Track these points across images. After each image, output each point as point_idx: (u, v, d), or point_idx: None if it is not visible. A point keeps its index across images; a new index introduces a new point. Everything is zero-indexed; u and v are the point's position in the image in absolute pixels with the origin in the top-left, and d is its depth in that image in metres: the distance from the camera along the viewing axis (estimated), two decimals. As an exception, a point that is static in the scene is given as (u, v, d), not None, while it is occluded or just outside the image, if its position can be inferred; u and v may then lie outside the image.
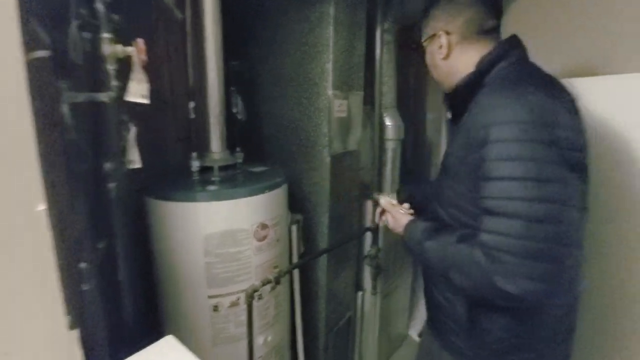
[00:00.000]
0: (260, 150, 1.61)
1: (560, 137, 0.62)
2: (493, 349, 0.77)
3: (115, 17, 0.73)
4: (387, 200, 1.06)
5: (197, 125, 1.17)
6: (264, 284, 1.07)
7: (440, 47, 0.84)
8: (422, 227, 0.84)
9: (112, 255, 0.82)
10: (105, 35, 0.67)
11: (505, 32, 0.84)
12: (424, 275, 0.99)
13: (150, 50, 1.32)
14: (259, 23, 1.49)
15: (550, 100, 0.65)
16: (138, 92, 0.71)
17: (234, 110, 1.30)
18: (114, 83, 0.68)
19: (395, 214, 0.99)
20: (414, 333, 2.18)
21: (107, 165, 0.73)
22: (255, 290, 1.04)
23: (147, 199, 1.08)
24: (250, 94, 1.55)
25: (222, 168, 1.24)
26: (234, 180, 1.16)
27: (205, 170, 1.20)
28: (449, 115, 0.92)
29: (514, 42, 0.80)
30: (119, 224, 0.82)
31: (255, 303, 1.16)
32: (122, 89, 0.72)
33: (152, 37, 1.31)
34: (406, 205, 1.05)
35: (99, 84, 0.71)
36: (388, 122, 1.71)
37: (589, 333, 1.08)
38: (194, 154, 1.15)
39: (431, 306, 0.95)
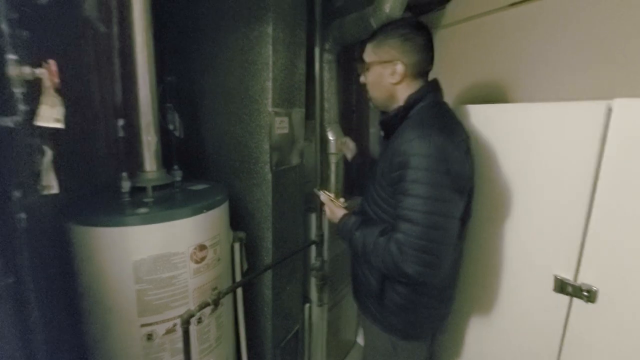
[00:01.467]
0: (202, 167, 1.57)
1: (452, 169, 0.86)
2: (391, 310, 1.05)
3: (25, 34, 0.67)
4: (325, 195, 1.23)
5: (129, 144, 1.11)
6: (201, 308, 1.04)
7: (393, 73, 1.00)
8: (353, 220, 1.07)
9: (24, 290, 0.75)
10: (11, 57, 0.61)
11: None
12: (351, 258, 1.24)
13: (73, 63, 1.23)
14: (197, 38, 1.46)
15: (449, 141, 0.88)
16: (51, 116, 0.65)
17: (171, 127, 1.25)
18: (22, 107, 0.63)
19: (332, 207, 1.19)
20: (361, 340, 2.24)
21: (16, 194, 0.66)
22: (192, 315, 1.01)
23: (69, 225, 1.00)
24: (190, 110, 1.51)
25: (158, 187, 1.19)
26: (169, 201, 1.12)
27: (139, 190, 1.14)
28: (382, 133, 1.12)
29: (434, 86, 1.03)
30: (31, 255, 0.75)
31: (194, 327, 1.13)
32: (32, 112, 0.66)
33: (76, 51, 1.22)
34: (342, 200, 1.23)
35: (4, 107, 0.65)
36: (330, 136, 1.76)
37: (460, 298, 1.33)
38: (124, 174, 1.09)
39: (354, 280, 1.22)
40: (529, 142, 1.08)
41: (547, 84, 1.22)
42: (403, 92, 1.02)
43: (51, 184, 0.76)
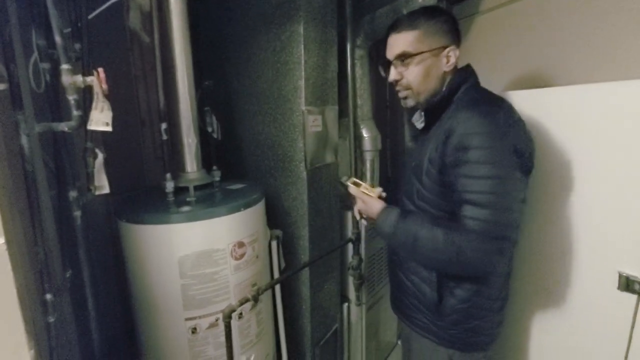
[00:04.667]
0: (239, 167, 1.62)
1: (516, 147, 0.82)
2: (451, 318, 0.95)
3: (77, 45, 0.73)
4: (355, 187, 1.06)
5: (172, 146, 1.17)
6: (241, 304, 1.06)
7: (449, 60, 0.94)
8: (395, 213, 0.95)
9: (81, 283, 0.81)
10: (65, 66, 0.67)
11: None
12: (390, 263, 1.13)
13: (123, 72, 1.33)
14: (232, 43, 1.51)
15: (510, 117, 0.85)
16: (100, 120, 0.71)
17: (209, 130, 1.31)
18: (76, 112, 0.69)
19: (365, 199, 1.04)
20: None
21: (72, 194, 0.72)
22: (233, 310, 1.03)
23: (120, 223, 1.08)
24: (227, 112, 1.56)
25: (199, 187, 1.24)
26: (209, 200, 1.16)
27: (181, 190, 1.20)
28: (419, 125, 1.02)
29: (471, 70, 0.97)
30: (86, 251, 0.81)
31: (235, 322, 1.16)
32: (85, 117, 0.72)
33: (124, 60, 1.32)
34: (379, 189, 1.07)
35: (61, 113, 0.71)
36: (365, 133, 1.73)
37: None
38: (168, 175, 1.14)
39: (397, 289, 1.11)
40: (588, 128, 0.98)
41: (601, 64, 1.11)
42: (448, 79, 0.96)
43: (103, 184, 0.82)
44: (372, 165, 1.78)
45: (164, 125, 1.11)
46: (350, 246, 1.64)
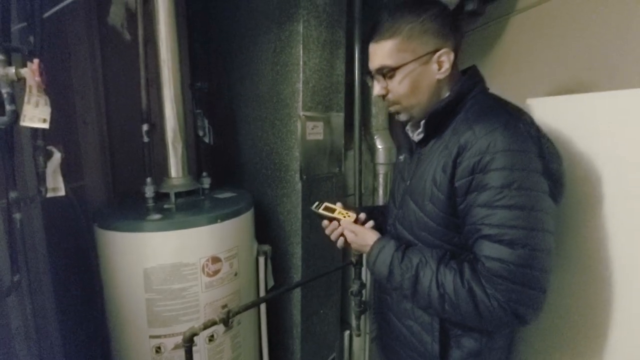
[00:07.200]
0: (236, 175, 1.54)
1: (550, 168, 0.67)
2: None
3: (30, 39, 0.69)
4: (328, 212, 0.87)
5: (154, 150, 1.11)
6: (206, 327, 0.95)
7: (442, 65, 0.76)
8: (391, 245, 0.77)
9: (25, 289, 0.75)
10: (-3, 57, 0.63)
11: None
12: (379, 303, 0.96)
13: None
14: (232, 44, 1.45)
15: (536, 131, 0.69)
16: (36, 116, 0.65)
17: (200, 134, 1.24)
18: (9, 107, 0.63)
19: (355, 229, 0.84)
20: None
21: (12, 195, 0.67)
22: (195, 334, 0.92)
23: (94, 227, 1.03)
24: (227, 116, 1.49)
25: (184, 194, 1.17)
26: (187, 209, 1.08)
27: (165, 196, 1.14)
28: (416, 137, 0.84)
29: (479, 73, 0.81)
30: (32, 254, 0.75)
31: (205, 346, 1.06)
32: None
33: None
34: (362, 215, 0.88)
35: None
36: (379, 145, 1.58)
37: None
38: (148, 180, 1.09)
39: (388, 337, 0.93)
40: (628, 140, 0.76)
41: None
42: (448, 85, 0.79)
43: (58, 187, 0.76)
44: (385, 179, 1.62)
45: (145, 127, 1.05)
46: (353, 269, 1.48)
